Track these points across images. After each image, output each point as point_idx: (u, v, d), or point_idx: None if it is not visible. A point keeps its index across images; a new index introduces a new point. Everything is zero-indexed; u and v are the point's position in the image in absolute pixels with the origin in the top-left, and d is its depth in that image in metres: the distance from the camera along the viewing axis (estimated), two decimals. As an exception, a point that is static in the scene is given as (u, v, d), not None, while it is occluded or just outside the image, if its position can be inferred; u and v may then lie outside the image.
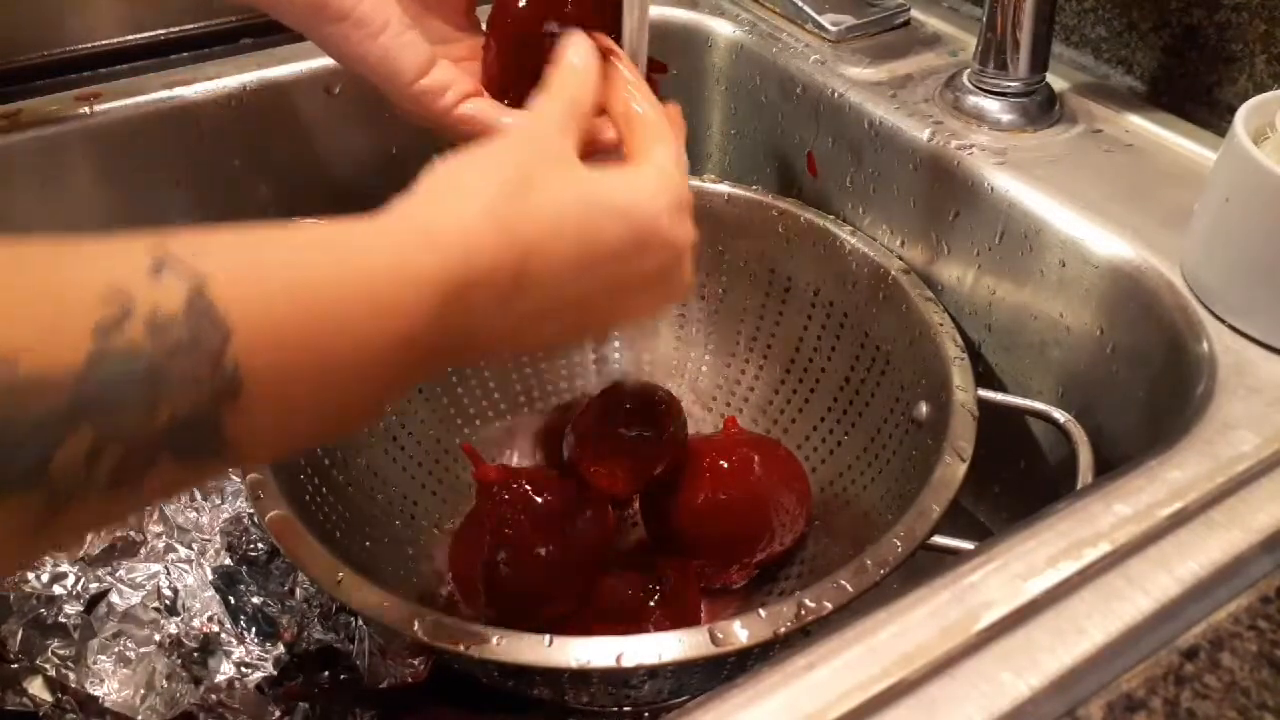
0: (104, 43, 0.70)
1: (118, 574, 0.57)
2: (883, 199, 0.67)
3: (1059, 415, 0.53)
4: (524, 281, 0.34)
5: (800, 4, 0.74)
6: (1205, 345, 0.48)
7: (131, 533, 0.58)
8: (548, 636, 0.41)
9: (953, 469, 0.49)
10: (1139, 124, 0.63)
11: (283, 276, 0.27)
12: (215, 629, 0.55)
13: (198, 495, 0.60)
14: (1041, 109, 0.63)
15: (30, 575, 0.56)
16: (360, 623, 0.56)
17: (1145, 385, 0.54)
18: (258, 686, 0.54)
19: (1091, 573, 0.37)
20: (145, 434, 0.24)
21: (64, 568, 0.57)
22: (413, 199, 0.33)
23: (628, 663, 0.40)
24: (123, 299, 0.24)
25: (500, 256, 0.33)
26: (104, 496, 0.24)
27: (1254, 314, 0.48)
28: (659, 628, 0.53)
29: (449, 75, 0.43)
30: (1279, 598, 0.37)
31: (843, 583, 0.43)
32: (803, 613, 0.42)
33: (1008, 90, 0.63)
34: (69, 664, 0.53)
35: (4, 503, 0.22)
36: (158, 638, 0.55)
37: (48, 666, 0.53)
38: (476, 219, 0.33)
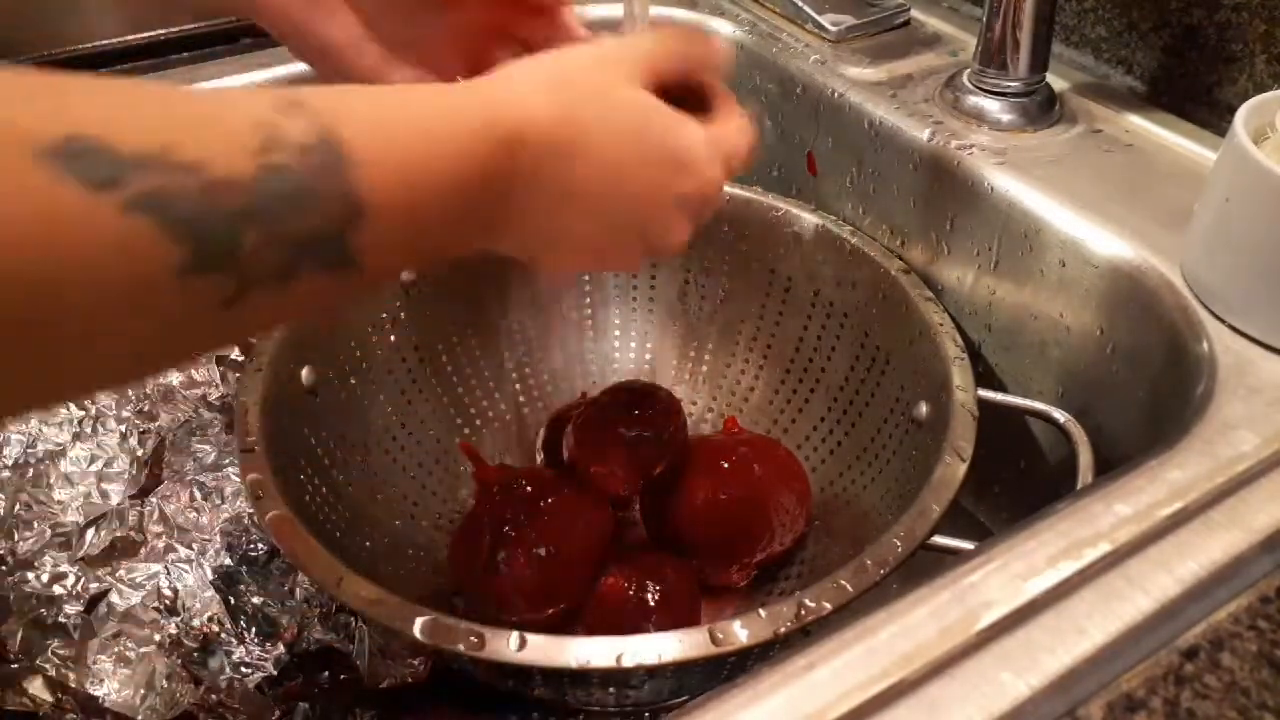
0: (104, 43, 0.70)
1: (118, 574, 0.57)
2: (883, 199, 0.67)
3: (1059, 415, 0.53)
4: (566, 157, 0.37)
5: (800, 4, 0.74)
6: (1205, 345, 0.48)
7: (131, 533, 0.58)
8: (547, 636, 0.41)
9: (953, 469, 0.49)
10: (1139, 124, 0.63)
11: (393, 120, 0.33)
12: (215, 629, 0.55)
13: (197, 495, 0.60)
14: (1041, 109, 0.63)
15: (30, 575, 0.56)
16: (360, 623, 0.56)
17: (1145, 385, 0.54)
18: (258, 686, 0.54)
19: (1091, 573, 0.37)
20: (296, 238, 0.29)
21: (64, 567, 0.57)
22: (491, 75, 0.38)
23: (628, 663, 0.40)
24: (270, 129, 0.29)
25: (552, 130, 0.37)
26: (275, 290, 0.29)
27: (1254, 314, 0.48)
28: (659, 628, 0.53)
29: None
30: (1279, 598, 0.37)
31: (843, 583, 0.43)
32: (803, 613, 0.42)
33: (1008, 90, 0.63)
34: (69, 664, 0.53)
35: (209, 276, 0.27)
36: (158, 638, 0.55)
37: (48, 666, 0.53)
38: (536, 92, 0.37)
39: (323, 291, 0.31)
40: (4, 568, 0.56)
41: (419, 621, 0.42)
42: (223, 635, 0.55)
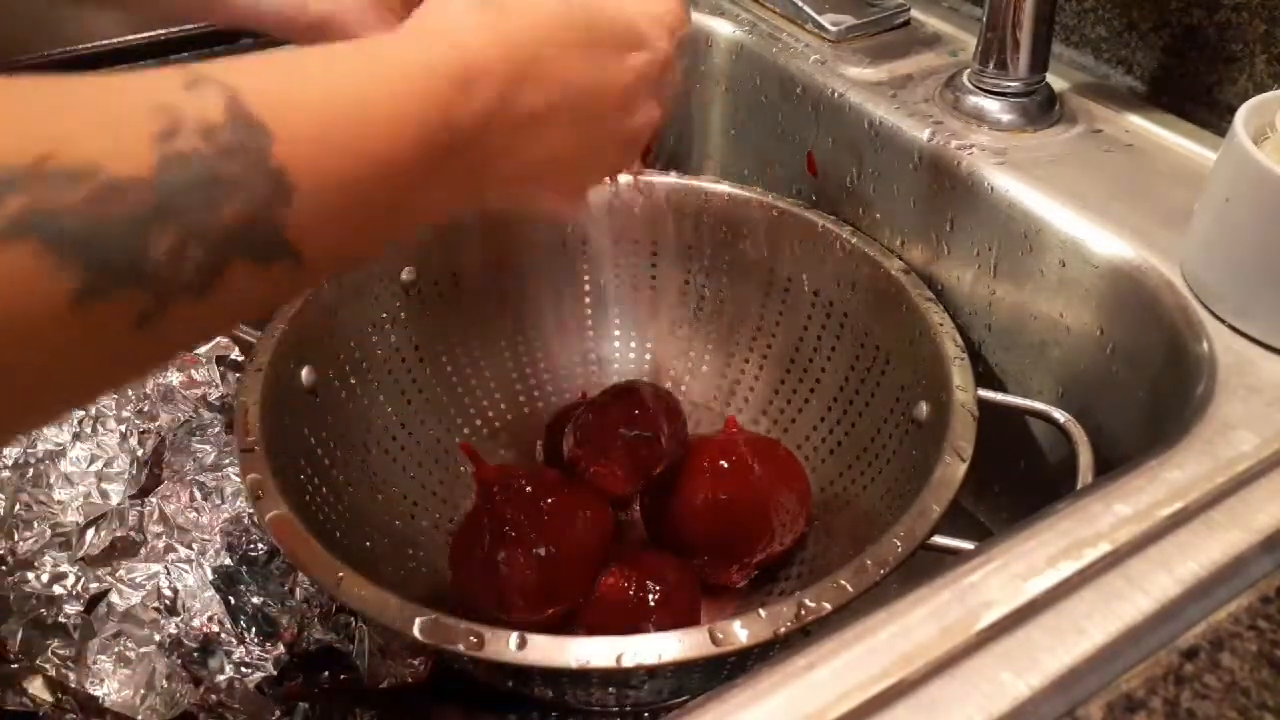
0: (104, 43, 0.70)
1: (118, 574, 0.57)
2: (883, 199, 0.67)
3: (1059, 415, 0.53)
4: (519, 80, 0.35)
5: (800, 4, 0.74)
6: (1205, 345, 0.48)
7: (131, 533, 0.58)
8: (547, 636, 0.41)
9: (953, 469, 0.49)
10: (1139, 124, 0.63)
11: (310, 80, 0.30)
12: (215, 629, 0.55)
13: (197, 495, 0.60)
14: (1041, 109, 0.63)
15: (30, 575, 0.56)
16: (360, 623, 0.56)
17: (1145, 385, 0.54)
18: (258, 687, 0.54)
19: (1091, 573, 0.37)
20: (216, 233, 0.26)
21: (64, 567, 0.57)
22: (408, 24, 0.35)
23: (628, 663, 0.40)
24: (170, 112, 0.25)
25: (493, 61, 0.34)
26: (196, 299, 0.26)
27: (1254, 314, 0.48)
28: (659, 628, 0.53)
29: None
30: (1279, 597, 0.37)
31: (843, 583, 0.43)
32: (803, 613, 0.42)
33: (1008, 90, 0.63)
34: (69, 664, 0.53)
35: (113, 296, 0.24)
36: (158, 638, 0.55)
37: (48, 666, 0.53)
38: (465, 21, 0.34)
39: (261, 289, 0.28)
40: (4, 568, 0.56)
41: (419, 621, 0.42)
42: (223, 635, 0.55)
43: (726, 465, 0.59)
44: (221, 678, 0.54)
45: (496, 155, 0.35)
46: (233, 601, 0.56)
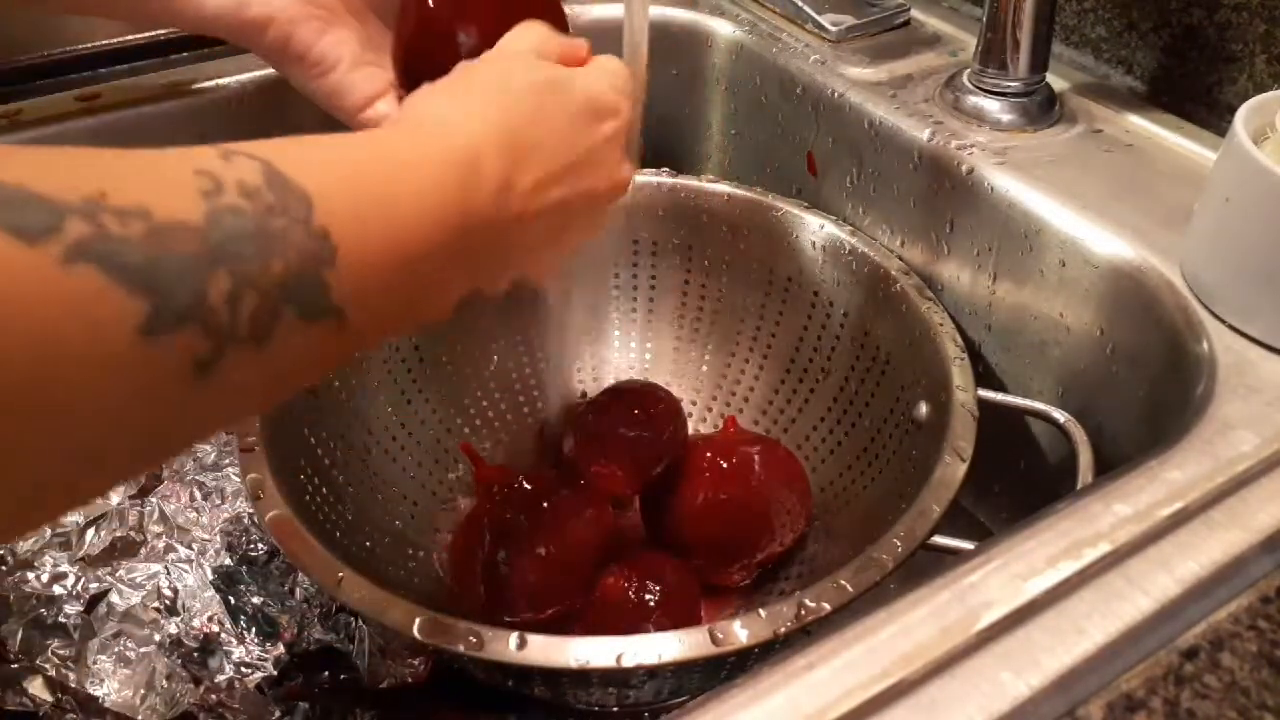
0: (104, 43, 0.70)
1: (118, 574, 0.57)
2: (883, 199, 0.67)
3: (1059, 415, 0.53)
4: (519, 155, 0.38)
5: (800, 4, 0.74)
6: (1205, 345, 0.48)
7: (131, 532, 0.58)
8: (547, 636, 0.41)
9: (952, 469, 0.49)
10: (1139, 124, 0.63)
11: (338, 159, 0.31)
12: (215, 629, 0.55)
13: (197, 495, 0.60)
14: (1041, 109, 0.63)
15: (30, 575, 0.56)
16: (360, 623, 0.56)
17: (1145, 385, 0.54)
18: (258, 686, 0.54)
19: (1091, 573, 0.37)
20: (268, 283, 0.26)
21: (64, 567, 0.57)
22: (405, 116, 0.39)
23: (628, 663, 0.40)
24: (211, 174, 0.26)
25: (490, 142, 0.37)
26: (252, 350, 0.26)
27: (1254, 314, 0.48)
28: (659, 628, 0.53)
29: (387, 108, 0.50)
30: (1279, 597, 0.37)
31: (843, 583, 0.43)
32: (803, 613, 0.42)
33: (1008, 90, 0.63)
34: (69, 664, 0.53)
35: (175, 333, 0.24)
36: (158, 638, 0.55)
37: (48, 666, 0.53)
38: (463, 111, 0.37)
39: (309, 348, 0.28)
40: (4, 568, 0.56)
41: (419, 621, 0.42)
42: (223, 635, 0.55)
43: (726, 465, 0.59)
44: (221, 678, 0.54)
45: (512, 228, 0.38)
46: (233, 601, 0.56)
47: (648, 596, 0.56)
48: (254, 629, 0.56)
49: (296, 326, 0.27)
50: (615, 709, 0.54)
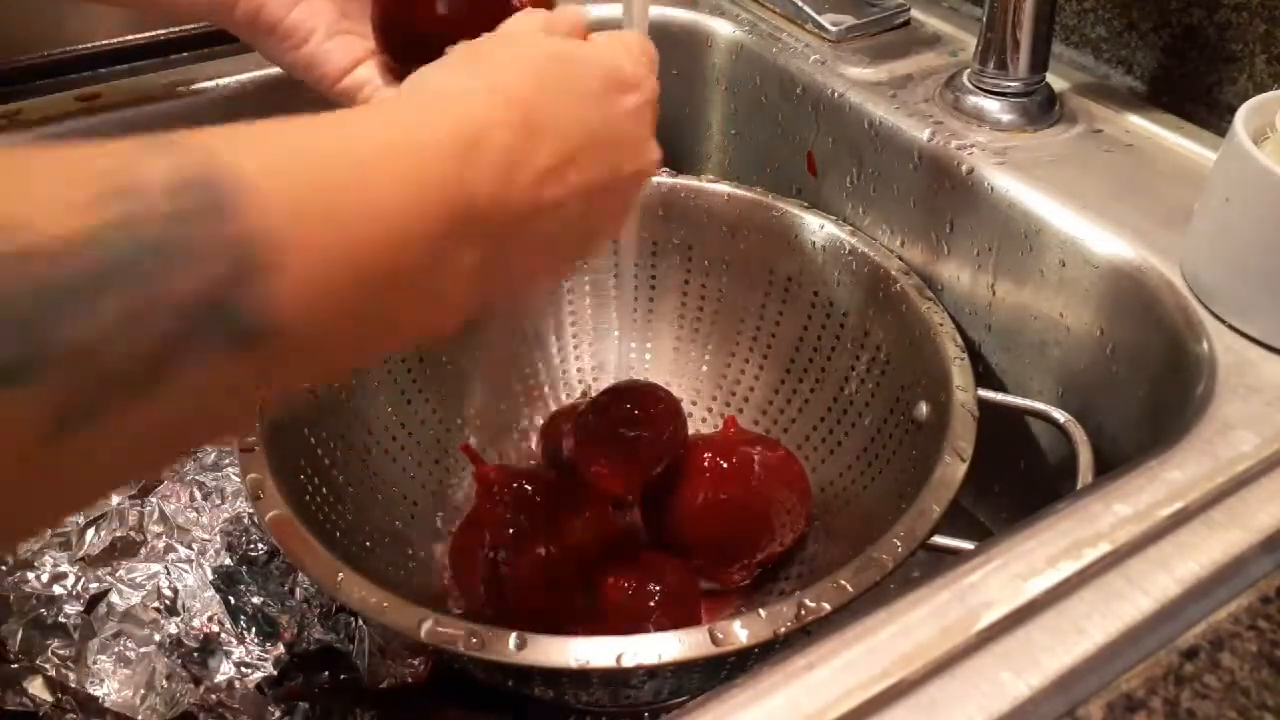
0: (104, 43, 0.70)
1: (118, 574, 0.57)
2: (883, 199, 0.67)
3: (1059, 415, 0.53)
4: (531, 130, 0.33)
5: (800, 4, 0.74)
6: (1205, 345, 0.48)
7: (131, 533, 0.58)
8: (547, 637, 0.41)
9: (953, 469, 0.49)
10: (1139, 124, 0.63)
11: (293, 149, 0.27)
12: (215, 629, 0.55)
13: (197, 495, 0.60)
14: (1041, 109, 0.63)
15: (30, 575, 0.56)
16: (360, 623, 0.56)
17: (1145, 385, 0.54)
18: (258, 686, 0.54)
19: (1091, 573, 0.37)
20: (172, 312, 0.22)
21: (64, 567, 0.57)
22: (399, 93, 0.34)
23: (628, 663, 0.40)
24: (124, 173, 0.22)
25: (497, 113, 0.32)
26: (135, 396, 0.21)
27: (1254, 314, 0.48)
28: (659, 628, 0.53)
29: (367, 73, 0.47)
30: (1279, 597, 0.37)
31: (843, 583, 0.43)
32: (803, 613, 0.42)
33: (1008, 90, 0.63)
34: (69, 664, 0.53)
35: (16, 392, 0.19)
36: (158, 638, 0.55)
37: (48, 666, 0.53)
38: (465, 82, 0.33)
39: (223, 385, 0.23)
40: (4, 568, 0.56)
41: (419, 621, 0.42)
42: (223, 635, 0.55)
43: (726, 465, 0.59)
44: (221, 678, 0.54)
45: (525, 220, 0.33)
46: (233, 601, 0.56)
47: (648, 597, 0.56)
48: (254, 629, 0.56)
49: (219, 359, 0.23)
50: (615, 709, 0.54)
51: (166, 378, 0.22)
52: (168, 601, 0.56)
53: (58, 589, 0.56)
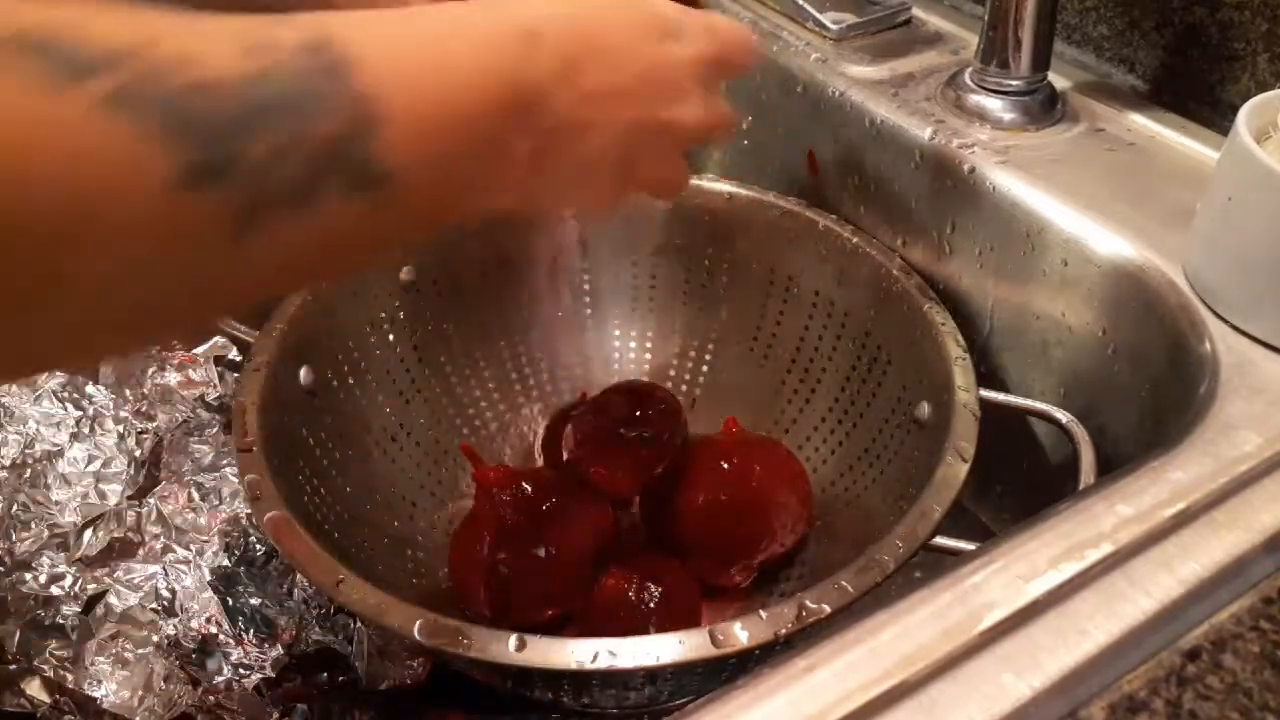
0: None
1: (115, 575, 0.57)
2: (884, 198, 0.66)
3: (1061, 415, 0.53)
4: (586, 39, 0.35)
5: (801, 2, 0.73)
6: (1208, 345, 0.48)
7: (129, 533, 0.58)
8: (547, 638, 0.41)
9: (954, 469, 0.49)
10: (1141, 123, 0.63)
11: (389, 31, 0.30)
12: (213, 630, 0.55)
13: (195, 496, 0.60)
14: (1043, 108, 0.63)
15: (28, 576, 0.56)
16: (359, 624, 0.56)
17: (1147, 385, 0.54)
18: (256, 688, 0.54)
19: (1093, 573, 0.37)
20: (308, 146, 0.25)
21: (62, 568, 0.56)
22: None
23: (627, 664, 0.40)
24: (256, 33, 0.26)
25: (559, 10, 0.35)
26: (294, 212, 0.25)
27: (1257, 314, 0.48)
28: (659, 629, 0.53)
29: None
30: (1282, 599, 0.37)
31: (844, 584, 0.43)
32: (804, 614, 0.41)
33: (1009, 89, 0.63)
34: (67, 665, 0.53)
35: (209, 189, 0.23)
36: (156, 639, 0.55)
37: (45, 668, 0.53)
38: None
39: (352, 219, 0.28)
40: (1, 568, 0.56)
41: (418, 623, 0.42)
42: (221, 636, 0.55)
43: (727, 466, 0.59)
44: (220, 679, 0.54)
45: (563, 128, 0.35)
46: (231, 603, 0.56)
47: (648, 597, 0.56)
48: (252, 630, 0.55)
49: (339, 194, 0.27)
50: (615, 710, 0.54)
51: (312, 203, 0.26)
52: (166, 603, 0.56)
53: (55, 590, 0.56)
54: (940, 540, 0.46)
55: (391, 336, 0.65)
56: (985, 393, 0.54)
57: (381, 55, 0.28)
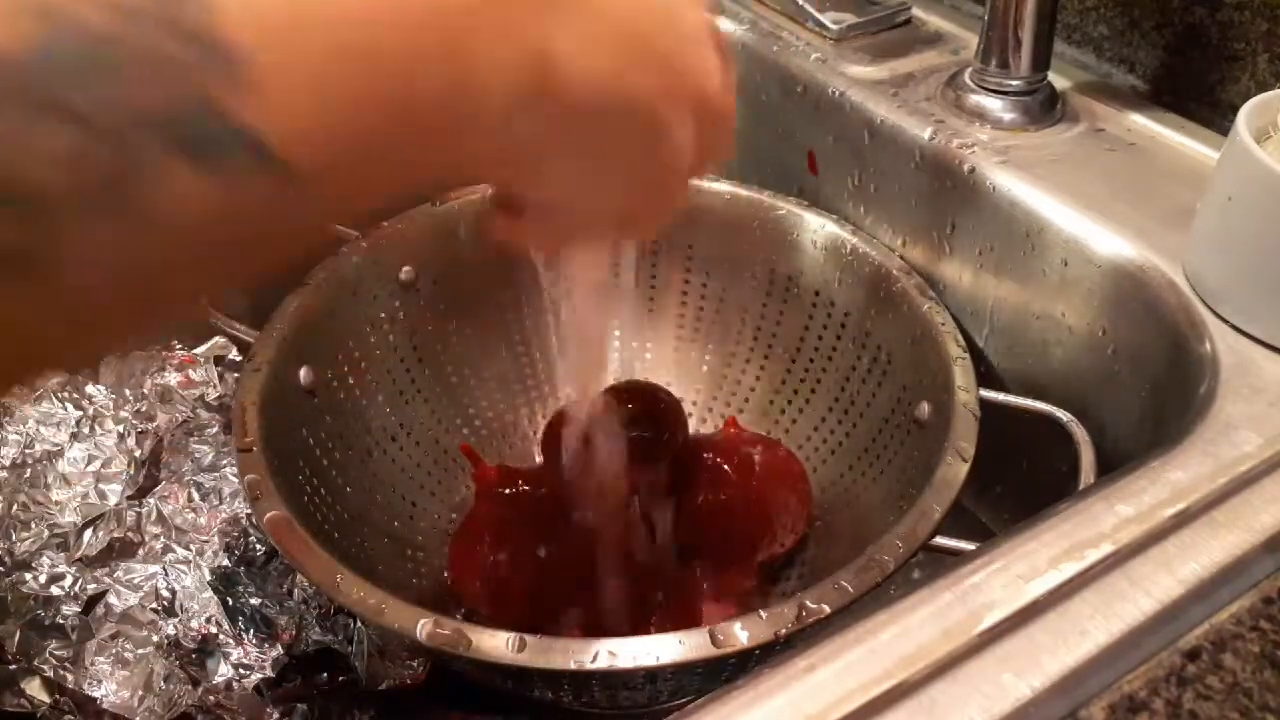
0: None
1: (115, 575, 0.57)
2: (884, 198, 0.66)
3: (1061, 415, 0.53)
4: None
5: (801, 2, 0.73)
6: (1208, 345, 0.48)
7: (129, 533, 0.58)
8: (546, 638, 0.41)
9: (954, 469, 0.49)
10: (1141, 123, 0.63)
11: None
12: (213, 630, 0.55)
13: (195, 496, 0.60)
14: (1043, 108, 0.63)
15: (28, 576, 0.56)
16: (359, 624, 0.56)
17: (1147, 385, 0.54)
18: (256, 688, 0.54)
19: (1093, 573, 0.37)
20: (133, 127, 0.19)
21: (62, 569, 0.56)
22: None
23: (627, 664, 0.40)
24: None
25: None
26: (112, 224, 0.19)
27: (1256, 314, 0.48)
28: (659, 629, 0.53)
29: None
30: (1282, 599, 0.37)
31: (844, 584, 0.43)
32: (804, 614, 0.41)
33: (1009, 89, 0.63)
34: (67, 665, 0.53)
35: None
36: (156, 639, 0.55)
37: (45, 668, 0.53)
38: None
39: (218, 201, 0.21)
40: (1, 568, 0.56)
41: (418, 623, 0.42)
42: (221, 636, 0.55)
43: (727, 466, 0.59)
44: (219, 679, 0.54)
45: (529, 52, 0.27)
46: (231, 603, 0.56)
47: (648, 598, 0.56)
48: (252, 630, 0.55)
49: (186, 177, 0.20)
50: (614, 711, 0.54)
51: (138, 203, 0.20)
52: (166, 603, 0.56)
53: (55, 590, 0.56)
54: (940, 540, 0.46)
55: (391, 336, 0.65)
56: (985, 393, 0.54)
57: None
